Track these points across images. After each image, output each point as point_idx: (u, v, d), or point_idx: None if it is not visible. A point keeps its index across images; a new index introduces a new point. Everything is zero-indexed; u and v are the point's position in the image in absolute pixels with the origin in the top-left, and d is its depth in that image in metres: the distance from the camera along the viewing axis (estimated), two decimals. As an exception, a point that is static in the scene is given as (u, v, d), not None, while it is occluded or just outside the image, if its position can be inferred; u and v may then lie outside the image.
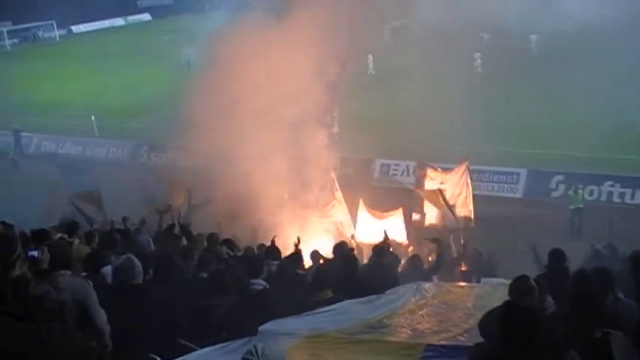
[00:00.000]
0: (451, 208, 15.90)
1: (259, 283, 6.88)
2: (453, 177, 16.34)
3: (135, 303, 6.10)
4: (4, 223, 9.87)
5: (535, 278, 5.74)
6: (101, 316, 5.77)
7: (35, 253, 5.79)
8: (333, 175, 16.44)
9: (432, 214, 16.34)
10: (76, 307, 5.62)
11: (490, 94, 27.55)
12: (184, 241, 10.26)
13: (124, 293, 6.23)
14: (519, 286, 5.35)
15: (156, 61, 45.83)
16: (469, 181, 16.26)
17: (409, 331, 5.90)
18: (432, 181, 16.42)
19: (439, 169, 16.86)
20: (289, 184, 15.63)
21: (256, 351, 3.44)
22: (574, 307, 4.91)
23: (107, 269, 7.14)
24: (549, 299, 5.88)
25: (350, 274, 8.11)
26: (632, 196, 19.59)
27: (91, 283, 5.86)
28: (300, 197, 15.80)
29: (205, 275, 7.55)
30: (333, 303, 6.40)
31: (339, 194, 16.44)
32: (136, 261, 6.47)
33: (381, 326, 5.98)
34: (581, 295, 5.05)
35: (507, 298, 5.21)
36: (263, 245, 9.93)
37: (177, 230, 11.82)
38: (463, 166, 16.46)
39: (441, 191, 15.99)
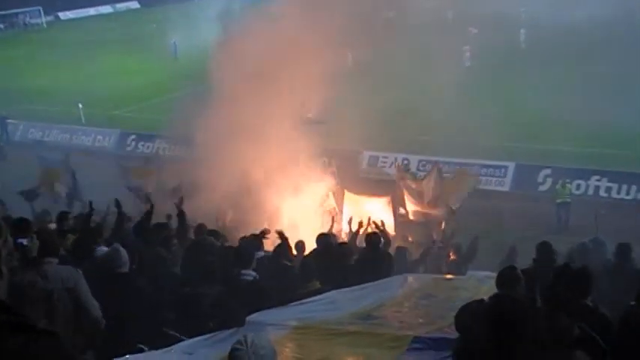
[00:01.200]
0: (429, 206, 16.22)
1: (249, 274, 6.85)
2: (427, 183, 16.63)
3: (122, 292, 6.07)
4: None
5: (523, 269, 5.73)
6: (94, 303, 5.74)
7: (24, 241, 5.72)
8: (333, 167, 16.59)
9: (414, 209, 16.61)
10: (67, 295, 5.58)
11: (478, 88, 27.58)
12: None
13: (110, 282, 6.20)
14: (507, 276, 5.34)
15: (144, 50, 45.59)
16: (441, 182, 16.63)
17: (396, 323, 5.91)
18: (409, 189, 16.70)
19: (416, 178, 17.29)
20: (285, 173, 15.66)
21: (246, 341, 3.41)
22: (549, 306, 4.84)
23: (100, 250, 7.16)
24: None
25: (337, 265, 8.10)
26: (619, 191, 19.72)
27: (80, 271, 5.81)
28: (298, 186, 15.86)
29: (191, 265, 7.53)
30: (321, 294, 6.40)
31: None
32: (123, 250, 6.44)
33: (368, 317, 5.99)
34: (552, 297, 4.99)
35: (494, 291, 5.21)
36: (252, 235, 9.87)
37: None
38: (434, 171, 16.95)
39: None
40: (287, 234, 9.53)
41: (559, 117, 23.43)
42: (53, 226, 9.78)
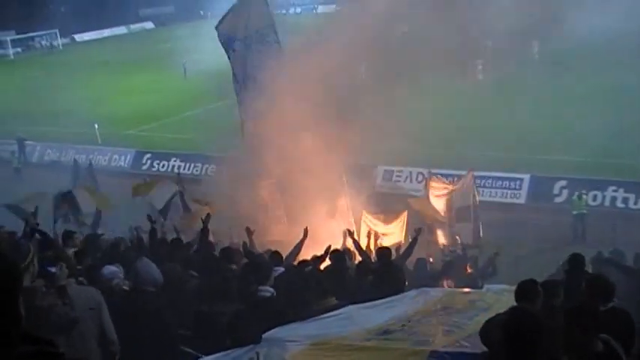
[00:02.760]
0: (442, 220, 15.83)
1: (267, 290, 6.86)
2: (460, 187, 16.14)
3: (147, 309, 6.09)
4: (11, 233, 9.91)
5: (546, 281, 5.70)
6: (111, 324, 5.78)
7: (53, 269, 5.79)
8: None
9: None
10: (89, 316, 5.62)
11: (493, 100, 27.52)
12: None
13: (137, 299, 6.22)
14: (526, 290, 5.32)
15: (158, 69, 46.04)
16: (475, 192, 16.05)
17: (413, 338, 5.88)
18: (436, 190, 16.31)
19: (444, 180, 16.85)
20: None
21: (258, 358, 3.43)
22: (568, 320, 4.80)
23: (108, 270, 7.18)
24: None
25: (353, 281, 8.09)
26: (636, 201, 19.54)
27: (99, 291, 5.86)
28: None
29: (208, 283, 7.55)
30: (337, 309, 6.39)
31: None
32: (152, 266, 6.47)
33: (385, 332, 5.97)
34: (574, 308, 4.95)
35: (512, 304, 5.19)
36: (269, 250, 9.91)
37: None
38: (469, 176, 16.27)
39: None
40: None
41: (574, 128, 23.32)
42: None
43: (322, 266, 9.33)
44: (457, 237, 15.05)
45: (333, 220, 15.96)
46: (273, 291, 6.90)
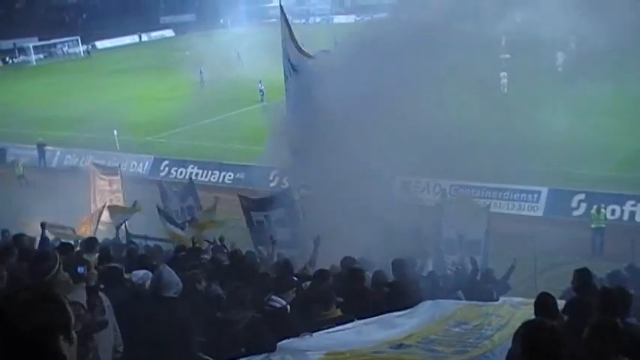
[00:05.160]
0: None
1: (278, 301, 6.86)
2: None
3: (168, 315, 6.13)
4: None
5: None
6: (118, 329, 5.88)
7: (81, 269, 5.86)
8: None
9: None
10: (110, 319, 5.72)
11: (511, 112, 27.36)
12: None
13: (158, 304, 6.26)
14: (545, 303, 5.27)
15: (177, 77, 46.38)
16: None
17: (428, 352, 5.85)
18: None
19: None
20: None
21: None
22: (594, 332, 4.73)
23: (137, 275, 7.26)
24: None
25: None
26: (655, 217, 19.38)
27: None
28: None
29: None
30: (343, 322, 6.34)
31: None
32: (173, 273, 6.52)
33: (400, 346, 5.94)
34: (603, 321, 4.88)
35: (529, 317, 5.14)
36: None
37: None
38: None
39: None
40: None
41: (594, 141, 23.14)
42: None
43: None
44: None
45: None
46: (284, 303, 6.86)
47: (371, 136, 15.76)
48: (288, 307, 6.82)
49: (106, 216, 16.94)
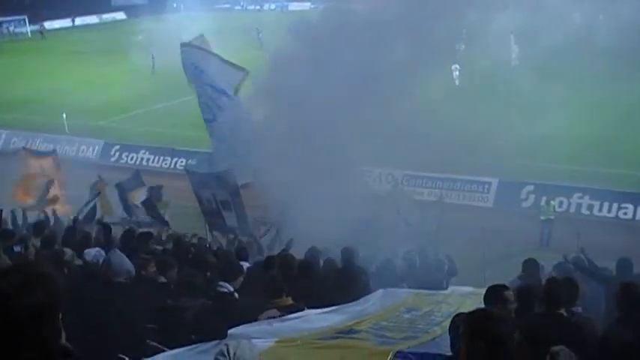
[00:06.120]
0: None
1: (226, 287, 6.82)
2: None
3: (118, 301, 6.02)
4: None
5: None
6: None
7: (17, 248, 5.68)
8: None
9: None
10: None
11: (463, 105, 27.70)
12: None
13: (110, 290, 6.15)
14: (495, 293, 5.32)
15: (128, 61, 45.48)
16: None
17: (378, 338, 5.88)
18: None
19: None
20: None
21: (228, 351, 3.40)
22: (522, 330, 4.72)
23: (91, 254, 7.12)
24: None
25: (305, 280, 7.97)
26: (601, 209, 19.83)
27: None
28: None
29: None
30: (294, 311, 6.32)
31: None
32: (124, 258, 6.41)
33: (350, 332, 5.96)
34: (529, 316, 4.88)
35: (477, 306, 5.20)
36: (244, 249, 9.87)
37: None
38: None
39: None
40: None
41: (544, 134, 23.57)
42: None
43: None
44: None
45: None
46: (230, 288, 6.83)
47: (325, 128, 15.83)
48: (236, 293, 6.78)
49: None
